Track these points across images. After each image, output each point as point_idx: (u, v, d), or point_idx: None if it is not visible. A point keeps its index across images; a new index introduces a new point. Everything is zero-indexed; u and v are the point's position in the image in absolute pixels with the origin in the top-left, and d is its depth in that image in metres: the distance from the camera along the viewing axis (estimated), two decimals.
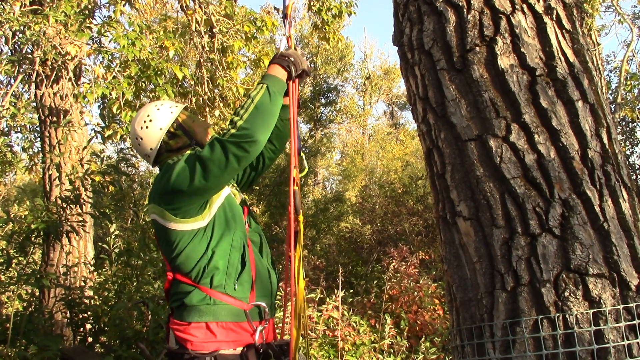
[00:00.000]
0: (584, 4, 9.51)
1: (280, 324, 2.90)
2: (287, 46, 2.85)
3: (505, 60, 2.41)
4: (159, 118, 2.62)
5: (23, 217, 6.22)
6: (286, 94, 2.67)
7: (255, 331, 2.47)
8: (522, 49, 2.41)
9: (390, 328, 7.00)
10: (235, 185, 2.85)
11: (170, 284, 2.58)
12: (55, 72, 6.96)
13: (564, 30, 2.52)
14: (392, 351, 6.88)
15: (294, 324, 2.45)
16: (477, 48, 2.47)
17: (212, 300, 2.42)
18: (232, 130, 2.29)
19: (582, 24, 2.70)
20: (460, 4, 2.54)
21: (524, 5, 2.50)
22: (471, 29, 2.49)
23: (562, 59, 2.43)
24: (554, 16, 2.52)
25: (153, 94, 7.70)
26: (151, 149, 2.62)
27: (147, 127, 2.61)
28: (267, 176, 17.23)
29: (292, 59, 2.57)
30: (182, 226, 2.43)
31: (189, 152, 2.53)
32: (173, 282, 2.54)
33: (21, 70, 6.85)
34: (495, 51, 2.42)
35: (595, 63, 9.66)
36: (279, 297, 4.96)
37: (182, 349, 2.42)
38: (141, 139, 2.62)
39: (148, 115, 2.63)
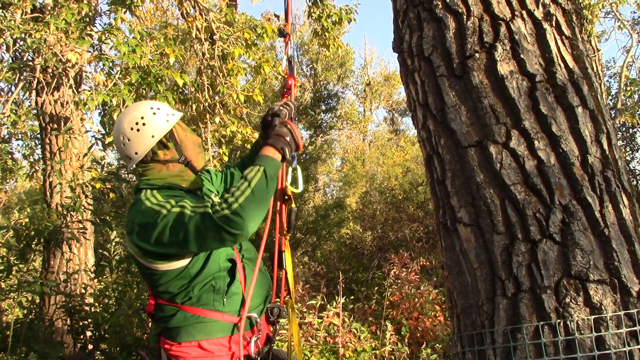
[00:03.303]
0: (584, 10, 9.54)
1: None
2: (290, 67, 2.85)
3: (505, 67, 2.41)
4: (153, 124, 2.40)
5: (24, 224, 6.22)
6: None
7: (249, 342, 2.42)
8: (521, 55, 2.41)
9: (391, 334, 6.98)
10: (210, 185, 2.82)
11: (154, 307, 2.50)
12: (56, 80, 6.97)
13: (563, 37, 2.53)
14: (393, 358, 6.86)
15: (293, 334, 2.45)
16: (477, 54, 2.47)
17: (201, 318, 2.36)
18: (226, 212, 2.08)
19: (582, 30, 2.71)
20: (460, 10, 2.55)
21: (524, 12, 2.51)
22: (471, 35, 2.50)
23: (562, 65, 2.44)
24: (554, 22, 2.52)
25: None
26: (136, 153, 2.41)
27: (137, 130, 2.38)
28: None
29: (287, 139, 2.38)
30: (163, 267, 2.32)
31: (172, 200, 2.26)
32: (156, 305, 2.47)
33: (22, 78, 6.87)
34: (495, 57, 2.43)
35: (595, 69, 9.67)
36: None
37: None
38: (128, 140, 2.40)
39: (142, 118, 2.40)
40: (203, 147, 2.64)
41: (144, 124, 2.39)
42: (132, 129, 2.39)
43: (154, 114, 2.42)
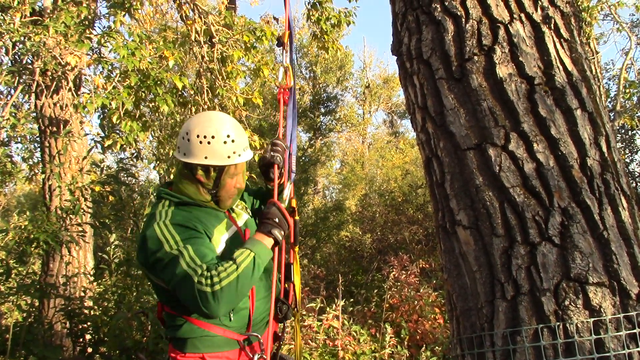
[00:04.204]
0: (583, 13, 9.55)
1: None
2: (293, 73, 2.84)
3: (503, 69, 2.42)
4: (215, 150, 2.34)
5: (23, 227, 6.21)
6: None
7: (252, 357, 2.41)
8: (520, 58, 2.42)
9: (390, 337, 6.97)
10: (245, 205, 2.79)
11: (162, 312, 2.52)
12: (55, 83, 6.98)
13: (562, 39, 2.53)
14: None
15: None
16: (476, 57, 2.48)
17: (206, 332, 2.37)
18: (207, 290, 2.09)
19: (580, 32, 2.72)
20: (459, 13, 2.55)
21: (522, 15, 2.51)
22: (469, 38, 2.50)
23: (561, 67, 2.44)
24: (552, 25, 2.53)
25: (153, 104, 7.71)
26: (184, 154, 2.38)
27: (200, 142, 2.33)
28: None
29: (277, 221, 2.36)
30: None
31: (178, 237, 2.24)
32: (165, 313, 2.49)
33: (21, 81, 6.87)
34: (494, 60, 2.43)
35: (593, 71, 9.68)
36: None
37: None
38: (188, 140, 2.35)
39: (213, 137, 2.33)
40: (240, 194, 2.57)
41: (208, 142, 2.34)
42: (198, 136, 2.34)
43: (225, 142, 2.36)
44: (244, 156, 2.44)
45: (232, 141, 2.38)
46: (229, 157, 2.38)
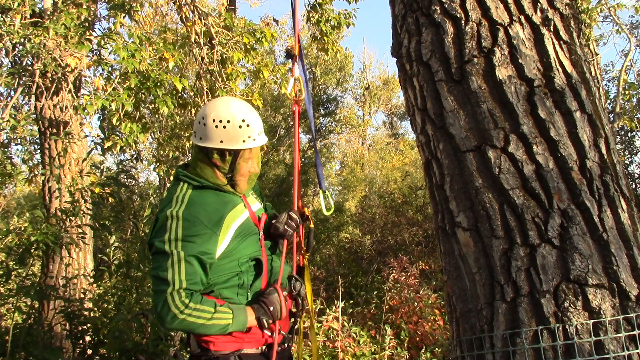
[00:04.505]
0: (582, 14, 9.56)
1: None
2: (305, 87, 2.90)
3: (503, 72, 2.42)
4: (231, 134, 2.39)
5: (23, 229, 6.21)
6: None
7: (274, 330, 2.48)
8: (519, 60, 2.42)
9: (390, 339, 6.98)
10: (257, 195, 2.83)
11: None
12: (55, 84, 6.98)
13: (561, 42, 2.54)
14: None
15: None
16: (475, 59, 2.48)
17: None
18: (174, 311, 2.20)
19: (580, 34, 2.72)
20: (458, 15, 2.55)
21: (522, 17, 2.52)
22: (469, 40, 2.51)
23: (560, 69, 2.45)
24: (552, 27, 2.53)
25: (153, 106, 7.72)
26: (201, 138, 2.42)
27: (216, 126, 2.38)
28: (267, 187, 17.27)
29: (271, 309, 2.41)
30: None
31: (180, 234, 2.29)
32: None
33: (21, 83, 6.87)
34: (493, 62, 2.43)
35: (593, 73, 9.69)
36: None
37: (204, 352, 2.43)
38: (204, 125, 2.39)
39: (229, 122, 2.38)
40: (256, 179, 2.63)
41: (224, 127, 2.38)
42: (214, 120, 2.38)
43: (240, 127, 2.40)
44: (259, 140, 2.48)
45: (247, 125, 2.42)
46: (244, 141, 2.42)
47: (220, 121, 2.37)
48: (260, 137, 2.50)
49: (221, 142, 2.40)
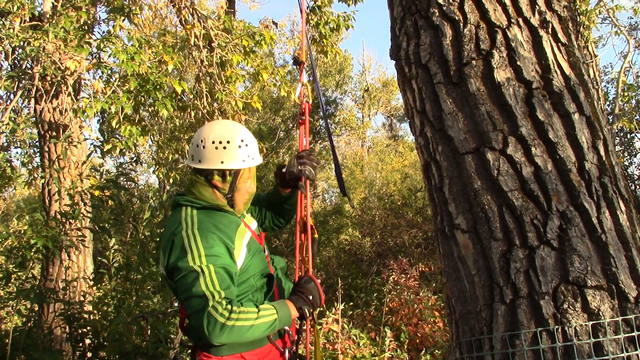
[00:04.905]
0: (581, 16, 9.57)
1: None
2: (304, 94, 2.93)
3: (501, 74, 2.43)
4: (231, 154, 2.43)
5: (22, 232, 6.21)
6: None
7: (283, 352, 2.50)
8: (518, 63, 2.43)
9: (390, 341, 6.97)
10: (253, 216, 2.84)
11: (185, 319, 2.54)
12: (54, 87, 6.98)
13: (559, 44, 2.54)
14: None
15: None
16: (474, 62, 2.49)
17: None
18: (220, 320, 2.14)
19: (578, 37, 2.73)
20: (457, 18, 2.56)
21: (520, 19, 2.53)
22: (467, 42, 2.51)
23: (558, 72, 2.45)
24: (550, 30, 2.54)
25: (152, 108, 7.73)
26: (200, 161, 2.45)
27: (216, 148, 2.41)
28: (266, 189, 17.25)
29: (310, 298, 2.44)
30: None
31: (203, 253, 2.26)
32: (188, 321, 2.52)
33: (21, 86, 6.87)
34: (492, 65, 2.44)
35: (592, 74, 9.71)
36: None
37: None
38: (203, 147, 2.42)
39: (228, 142, 2.42)
40: (252, 198, 2.65)
41: (224, 148, 2.42)
42: (213, 142, 2.42)
43: (239, 147, 2.45)
44: (257, 160, 2.54)
45: (247, 145, 2.48)
46: (243, 160, 2.47)
47: (220, 142, 2.42)
48: (258, 157, 2.56)
49: (222, 162, 2.43)
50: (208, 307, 2.16)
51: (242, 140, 2.46)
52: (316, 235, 2.69)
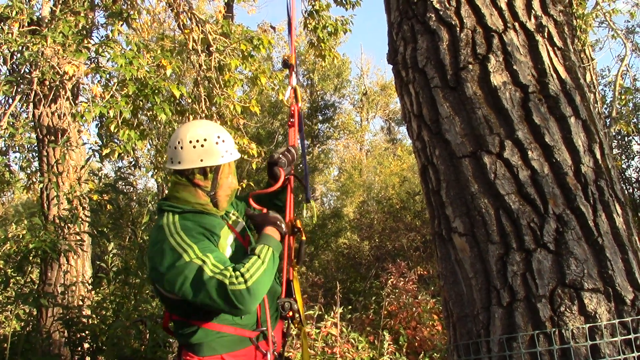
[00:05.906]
0: (578, 20, 9.60)
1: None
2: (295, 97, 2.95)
3: (498, 78, 2.44)
4: (209, 151, 2.46)
5: (21, 236, 6.21)
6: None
7: (265, 354, 2.49)
8: (514, 67, 2.44)
9: (389, 344, 6.97)
10: (236, 213, 2.85)
11: (170, 321, 2.56)
12: (53, 92, 6.99)
13: (555, 48, 2.56)
14: None
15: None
16: (470, 66, 2.50)
17: (221, 333, 2.43)
18: (242, 287, 2.18)
19: (574, 41, 2.74)
20: (453, 22, 2.58)
21: (516, 24, 2.54)
22: (464, 47, 2.53)
23: (554, 76, 2.47)
24: (546, 34, 2.55)
25: (150, 112, 7.73)
26: (180, 162, 2.47)
27: (194, 147, 2.44)
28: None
29: (272, 216, 2.57)
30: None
31: (195, 247, 2.29)
32: (174, 321, 2.53)
33: (19, 90, 6.89)
34: (488, 69, 2.45)
35: (589, 78, 9.74)
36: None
37: None
38: (181, 148, 2.45)
39: (205, 140, 2.46)
40: (236, 194, 2.71)
41: (202, 146, 2.46)
42: (190, 142, 2.46)
43: (217, 143, 2.49)
44: (234, 154, 2.57)
45: (223, 141, 2.51)
46: (222, 156, 2.50)
47: (197, 141, 2.45)
48: (235, 152, 2.60)
49: (201, 160, 2.46)
50: (227, 287, 2.19)
51: (218, 137, 2.49)
52: (303, 238, 2.69)
